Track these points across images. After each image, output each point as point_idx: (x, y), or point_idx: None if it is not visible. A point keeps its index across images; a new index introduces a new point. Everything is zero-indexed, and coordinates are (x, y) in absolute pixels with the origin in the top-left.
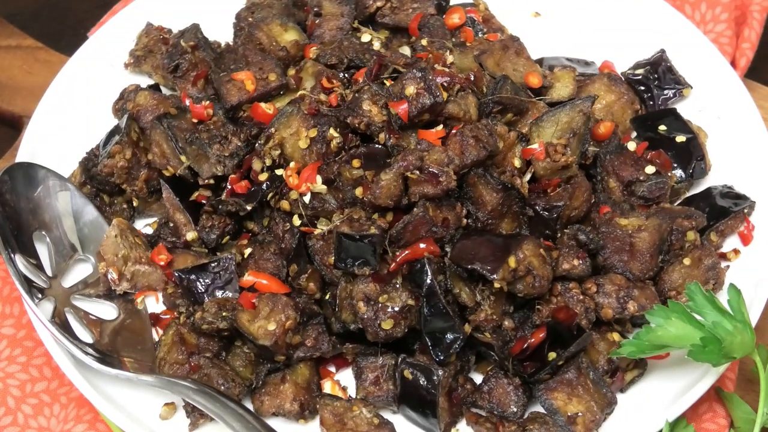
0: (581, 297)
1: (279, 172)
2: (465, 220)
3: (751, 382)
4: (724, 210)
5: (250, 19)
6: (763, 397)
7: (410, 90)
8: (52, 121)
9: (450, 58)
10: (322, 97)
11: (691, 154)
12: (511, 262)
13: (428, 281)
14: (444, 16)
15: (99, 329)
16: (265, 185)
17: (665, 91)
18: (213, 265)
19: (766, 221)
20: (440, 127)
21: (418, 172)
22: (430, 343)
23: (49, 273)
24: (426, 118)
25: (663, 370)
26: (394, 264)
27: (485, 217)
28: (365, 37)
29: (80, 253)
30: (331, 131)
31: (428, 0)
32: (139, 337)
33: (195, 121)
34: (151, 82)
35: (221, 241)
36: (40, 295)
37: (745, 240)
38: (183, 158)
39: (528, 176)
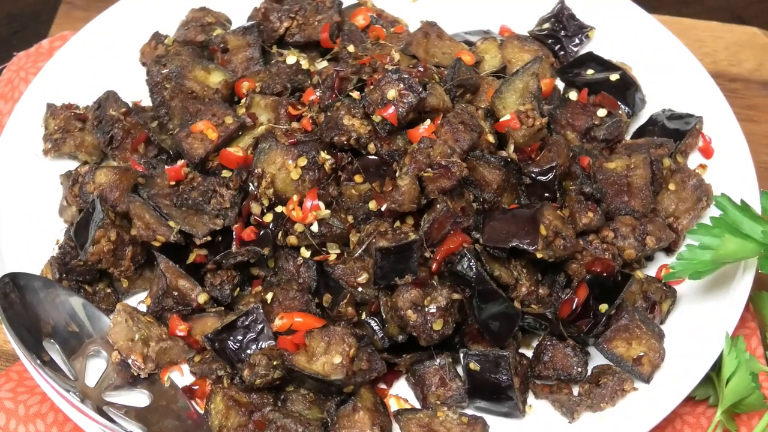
0: (604, 246)
1: (279, 209)
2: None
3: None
4: (678, 131)
5: (164, 71)
6: None
7: (392, 93)
8: None
9: (396, 56)
10: (295, 125)
11: (628, 88)
12: (542, 230)
13: (474, 269)
14: (349, 20)
15: (144, 421)
16: (271, 225)
17: (574, 39)
18: (241, 319)
19: (718, 130)
20: (428, 122)
21: (430, 169)
22: (487, 330)
23: (71, 377)
24: (410, 117)
25: (691, 297)
26: (435, 263)
27: (491, 197)
28: (290, 59)
29: (91, 350)
30: (322, 154)
31: (329, 9)
32: (182, 415)
33: (172, 183)
34: (74, 163)
35: (234, 294)
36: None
37: (707, 153)
38: (171, 224)
39: (512, 147)
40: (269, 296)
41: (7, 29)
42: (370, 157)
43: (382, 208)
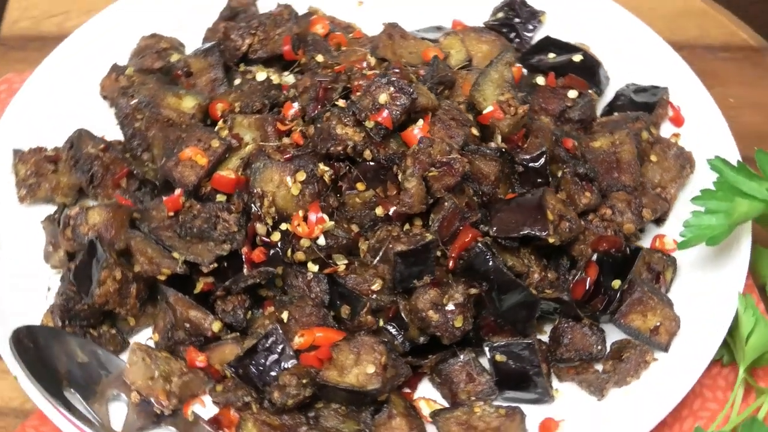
0: (604, 224)
1: (283, 226)
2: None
3: None
4: (647, 104)
5: (133, 102)
6: None
7: (383, 98)
8: None
9: (372, 61)
10: (286, 140)
11: (592, 67)
12: (549, 215)
13: (492, 262)
14: (308, 30)
15: None
16: (279, 244)
17: (527, 25)
18: (262, 342)
19: (685, 98)
20: (421, 122)
21: (433, 168)
22: (510, 320)
23: (96, 423)
24: (402, 119)
25: (693, 264)
26: (451, 261)
27: (490, 189)
28: (260, 75)
29: (110, 393)
30: (321, 166)
31: (288, 21)
32: None
33: (171, 214)
34: (48, 207)
35: (247, 317)
36: None
37: (678, 122)
38: (176, 255)
39: (499, 138)
40: (285, 315)
41: None
42: (367, 163)
43: (390, 213)
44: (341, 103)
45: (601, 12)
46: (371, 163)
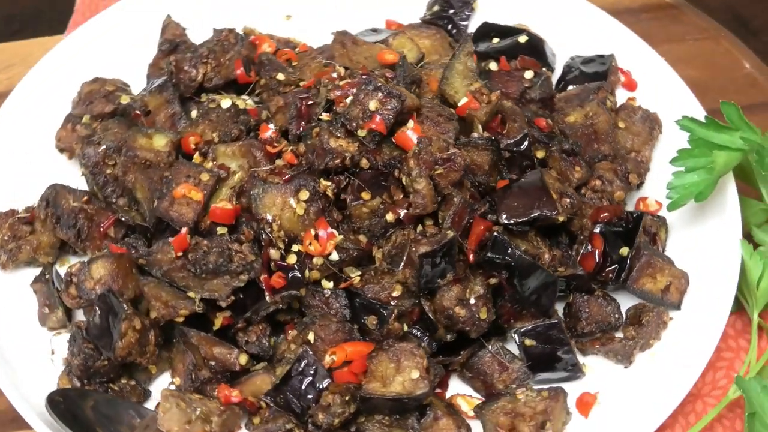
0: (597, 195)
1: (295, 248)
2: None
3: None
4: (598, 73)
5: (101, 149)
6: None
7: (374, 104)
8: None
9: (342, 70)
10: (280, 162)
11: (539, 45)
12: (552, 194)
13: (511, 249)
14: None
15: None
16: (297, 265)
17: (461, 14)
18: (295, 367)
19: (633, 62)
20: (411, 123)
21: (437, 166)
22: (534, 303)
23: None
24: (393, 122)
25: (682, 224)
26: (470, 254)
27: (485, 179)
28: (225, 103)
29: None
30: (322, 182)
31: (235, 45)
32: None
33: (179, 254)
34: (33, 270)
35: (271, 344)
36: None
37: (632, 86)
38: (191, 294)
39: (480, 127)
40: (311, 336)
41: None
42: (365, 172)
43: (401, 216)
44: (325, 116)
45: None
46: (368, 171)
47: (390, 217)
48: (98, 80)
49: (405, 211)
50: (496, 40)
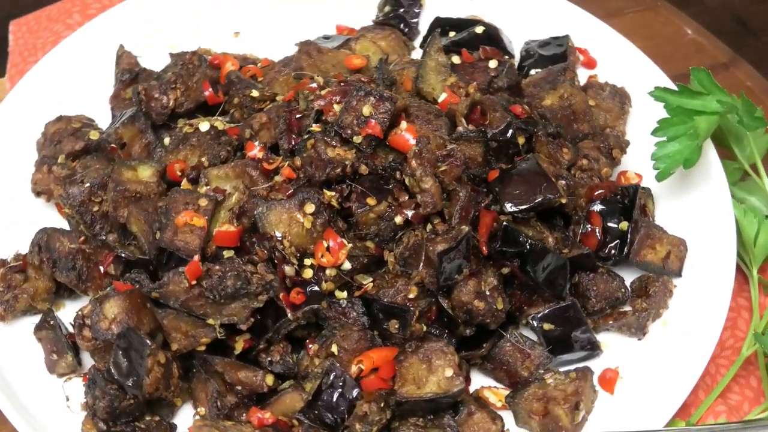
0: (586, 174)
1: (307, 261)
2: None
3: None
4: (557, 55)
5: (85, 188)
6: None
7: (367, 109)
8: None
9: (320, 80)
10: (278, 178)
11: (496, 34)
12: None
13: (521, 236)
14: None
15: None
16: (314, 279)
17: (411, 12)
18: (324, 381)
19: (587, 41)
20: (404, 124)
21: (439, 163)
22: (549, 287)
23: None
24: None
25: (666, 193)
26: (483, 246)
27: (479, 170)
28: (204, 126)
29: None
30: (326, 192)
31: (199, 67)
32: None
33: (193, 282)
34: (32, 318)
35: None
36: None
37: (591, 64)
38: (211, 321)
39: (463, 120)
40: (334, 348)
41: None
42: (364, 178)
43: (409, 217)
44: (315, 127)
45: None
46: (368, 177)
47: (399, 219)
48: (62, 118)
49: (412, 212)
50: (452, 33)
